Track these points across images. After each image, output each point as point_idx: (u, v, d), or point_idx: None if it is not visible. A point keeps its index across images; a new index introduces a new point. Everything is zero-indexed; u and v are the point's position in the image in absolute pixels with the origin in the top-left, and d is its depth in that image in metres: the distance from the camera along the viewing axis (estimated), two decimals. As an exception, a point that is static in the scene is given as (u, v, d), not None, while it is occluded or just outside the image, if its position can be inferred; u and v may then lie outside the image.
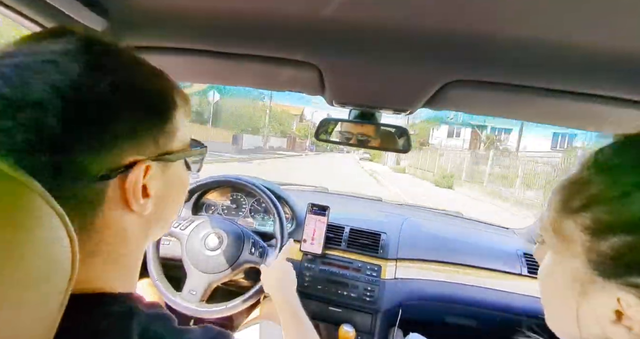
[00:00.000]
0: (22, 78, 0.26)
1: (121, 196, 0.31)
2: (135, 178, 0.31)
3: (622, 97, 0.55)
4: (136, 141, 0.31)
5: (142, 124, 0.31)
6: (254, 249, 0.96)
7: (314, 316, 1.13)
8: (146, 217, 0.34)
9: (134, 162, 0.31)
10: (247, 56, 0.60)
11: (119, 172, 0.30)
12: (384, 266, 1.11)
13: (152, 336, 0.30)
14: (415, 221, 1.31)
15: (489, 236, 1.33)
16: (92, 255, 0.30)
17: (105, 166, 0.29)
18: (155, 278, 0.94)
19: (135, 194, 0.31)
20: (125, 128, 0.29)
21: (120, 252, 0.33)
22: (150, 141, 0.32)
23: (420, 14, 0.42)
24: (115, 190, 0.30)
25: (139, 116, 0.31)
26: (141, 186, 0.31)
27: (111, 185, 0.30)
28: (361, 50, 0.54)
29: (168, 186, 0.35)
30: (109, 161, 0.29)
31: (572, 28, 0.41)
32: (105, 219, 0.30)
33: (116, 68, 0.30)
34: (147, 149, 0.32)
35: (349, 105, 0.80)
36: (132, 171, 0.30)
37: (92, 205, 0.29)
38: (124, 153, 0.30)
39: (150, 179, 0.32)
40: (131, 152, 0.30)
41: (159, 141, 0.33)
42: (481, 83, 0.57)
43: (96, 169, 0.28)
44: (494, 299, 1.06)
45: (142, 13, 0.54)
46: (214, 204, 1.28)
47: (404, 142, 0.84)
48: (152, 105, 0.32)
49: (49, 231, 0.21)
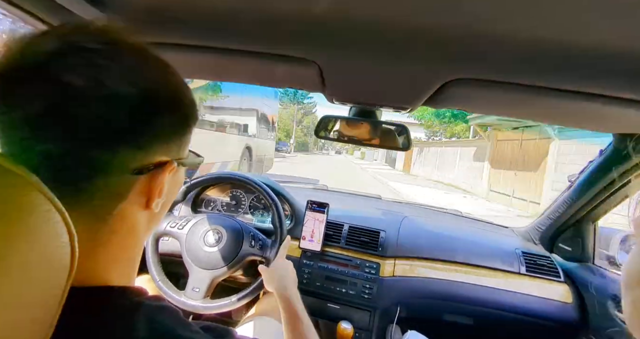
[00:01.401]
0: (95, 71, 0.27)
1: (144, 192, 0.33)
2: (164, 177, 0.34)
3: (622, 96, 0.55)
4: (167, 144, 0.34)
5: (175, 130, 0.34)
6: (254, 242, 0.95)
7: (313, 312, 1.13)
8: (152, 215, 0.37)
9: (164, 162, 0.34)
10: (247, 52, 0.60)
11: (151, 169, 0.32)
12: (382, 263, 1.11)
13: (158, 328, 0.30)
14: (414, 219, 1.32)
15: (488, 235, 1.34)
16: (103, 245, 0.32)
17: (140, 162, 0.31)
18: (158, 280, 0.94)
19: (160, 192, 0.34)
20: (164, 130, 0.33)
21: (129, 246, 0.36)
22: (176, 145, 0.35)
23: (421, 12, 0.42)
24: (141, 186, 0.33)
25: (175, 121, 0.34)
26: (163, 185, 0.34)
27: (140, 181, 0.32)
28: (361, 47, 0.54)
29: (172, 188, 0.38)
30: (144, 158, 0.32)
31: (572, 27, 0.41)
32: (123, 211, 0.32)
33: (165, 74, 0.33)
34: (172, 152, 0.35)
35: (349, 102, 0.80)
36: (162, 170, 0.34)
37: (118, 197, 0.31)
38: (156, 153, 0.33)
39: (168, 180, 0.35)
40: (162, 153, 0.33)
41: (181, 146, 0.36)
42: (481, 81, 0.57)
43: (133, 164, 0.31)
44: (492, 297, 1.07)
45: (140, 8, 0.53)
46: (213, 201, 1.29)
47: (404, 140, 0.84)
48: (186, 114, 0.35)
49: (48, 227, 0.21)
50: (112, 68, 0.28)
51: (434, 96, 0.66)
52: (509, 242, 1.26)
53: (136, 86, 0.29)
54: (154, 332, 0.30)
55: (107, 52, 0.28)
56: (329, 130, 0.89)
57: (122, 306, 0.31)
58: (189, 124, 0.36)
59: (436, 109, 1.57)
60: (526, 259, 1.13)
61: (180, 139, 0.36)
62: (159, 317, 0.31)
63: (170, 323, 0.32)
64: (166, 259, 1.00)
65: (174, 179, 0.37)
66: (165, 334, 0.30)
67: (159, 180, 0.33)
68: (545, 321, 1.04)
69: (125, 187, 0.31)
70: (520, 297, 1.06)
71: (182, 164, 0.37)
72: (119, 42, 0.30)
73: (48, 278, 0.22)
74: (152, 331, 0.30)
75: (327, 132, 0.89)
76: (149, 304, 0.32)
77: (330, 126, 0.89)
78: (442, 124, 15.01)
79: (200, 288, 0.91)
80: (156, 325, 0.30)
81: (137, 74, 0.30)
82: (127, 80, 0.29)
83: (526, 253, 1.15)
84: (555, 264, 1.12)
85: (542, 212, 1.26)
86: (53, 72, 0.26)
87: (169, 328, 0.31)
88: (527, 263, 1.12)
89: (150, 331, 0.29)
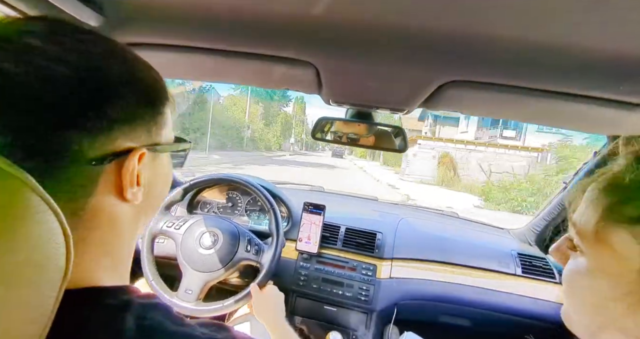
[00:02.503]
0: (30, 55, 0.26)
1: (115, 182, 0.32)
2: (132, 165, 0.32)
3: (616, 98, 0.55)
4: (130, 128, 0.31)
5: (137, 112, 0.32)
6: (250, 246, 0.95)
7: (309, 315, 1.13)
8: (137, 208, 0.35)
9: (129, 149, 0.31)
10: (243, 54, 0.60)
11: (114, 157, 0.30)
12: (379, 265, 1.11)
13: (148, 324, 0.30)
14: (410, 221, 1.32)
15: (484, 236, 1.34)
16: (84, 242, 0.31)
17: (100, 150, 0.29)
18: (151, 279, 0.93)
19: (131, 181, 0.32)
20: (120, 113, 0.30)
21: (113, 242, 0.34)
22: (144, 130, 0.33)
23: (417, 15, 0.42)
24: (110, 176, 0.31)
25: (134, 103, 0.32)
26: (136, 173, 0.32)
27: (106, 170, 0.30)
28: (358, 49, 0.54)
29: (156, 176, 0.37)
30: (104, 145, 0.29)
31: (568, 29, 0.41)
32: (97, 205, 0.31)
33: (112, 55, 0.31)
34: (140, 137, 0.33)
35: (345, 104, 0.80)
36: (128, 158, 0.31)
37: (85, 189, 0.30)
38: (118, 139, 0.30)
39: (143, 167, 0.33)
40: (125, 139, 0.31)
41: (152, 131, 0.34)
42: (478, 84, 0.57)
43: (92, 152, 0.29)
44: (488, 298, 1.07)
45: (137, 9, 0.53)
46: (209, 203, 1.28)
47: (400, 142, 0.84)
48: (147, 94, 0.33)
49: (43, 227, 0.21)
50: (48, 50, 0.27)
51: (430, 98, 0.66)
52: (504, 243, 1.26)
53: (74, 66, 0.27)
54: (142, 328, 0.29)
55: (42, 35, 0.27)
56: (325, 131, 0.89)
57: (111, 306, 0.30)
58: (156, 105, 0.34)
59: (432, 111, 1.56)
60: (522, 260, 1.14)
61: (148, 123, 0.33)
62: (149, 314, 0.31)
63: (161, 319, 0.31)
64: (161, 261, 0.99)
65: (154, 166, 0.36)
66: (153, 329, 0.30)
67: (127, 168, 0.31)
68: (541, 322, 1.04)
69: (89, 179, 0.29)
70: (516, 298, 1.07)
71: (156, 150, 0.35)
72: (57, 27, 0.29)
73: (43, 279, 0.22)
74: (140, 327, 0.29)
75: (324, 134, 0.89)
76: (139, 302, 0.31)
77: (326, 127, 0.89)
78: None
79: (193, 290, 0.90)
80: (145, 321, 0.30)
81: (75, 55, 0.28)
82: (62, 61, 0.27)
83: (522, 254, 1.16)
84: (551, 266, 1.13)
85: (537, 214, 1.27)
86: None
87: (158, 323, 0.30)
88: (522, 265, 1.12)
89: (139, 327, 0.29)
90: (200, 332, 0.32)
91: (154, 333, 0.29)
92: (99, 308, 0.29)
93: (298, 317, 1.14)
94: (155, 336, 0.29)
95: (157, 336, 0.29)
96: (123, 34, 0.59)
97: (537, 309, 1.05)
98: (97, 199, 0.31)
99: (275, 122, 32.46)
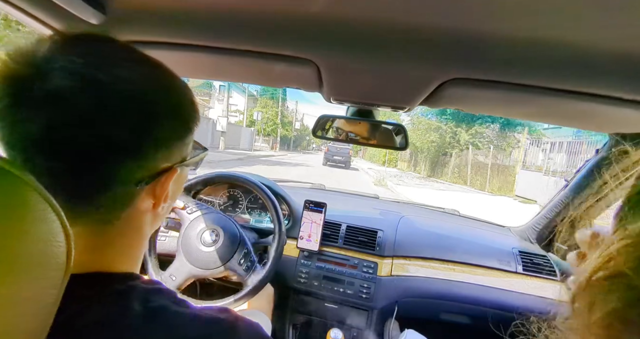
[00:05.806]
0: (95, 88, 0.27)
1: (149, 198, 0.34)
2: (167, 183, 0.34)
3: (618, 96, 0.55)
4: (169, 150, 0.33)
5: (177, 134, 0.34)
6: (244, 260, 0.93)
7: (310, 312, 1.13)
8: (159, 215, 0.38)
9: (167, 168, 0.34)
10: (245, 52, 0.60)
11: (154, 177, 0.33)
12: (380, 263, 1.11)
13: (152, 306, 0.31)
14: (411, 219, 1.32)
15: (485, 234, 1.34)
16: (110, 244, 0.34)
17: (145, 172, 0.31)
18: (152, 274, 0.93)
19: (165, 197, 0.35)
20: (165, 137, 0.32)
21: (134, 244, 0.37)
22: (177, 148, 0.35)
23: (419, 12, 0.42)
24: (146, 194, 0.33)
25: (176, 126, 0.33)
26: (168, 189, 0.35)
27: (144, 190, 0.33)
28: (359, 47, 0.54)
29: (176, 188, 0.38)
30: (148, 168, 0.32)
31: (570, 27, 0.41)
32: (130, 216, 0.33)
33: (160, 80, 0.32)
34: (174, 155, 0.35)
35: (346, 102, 0.80)
36: (165, 177, 0.34)
37: (123, 206, 0.32)
38: (159, 160, 0.32)
39: (172, 182, 0.35)
40: (164, 160, 0.33)
41: (182, 148, 0.36)
42: (479, 81, 0.57)
43: (138, 175, 0.31)
44: (489, 296, 1.07)
45: (138, 7, 0.53)
46: (210, 201, 1.28)
47: (402, 140, 0.84)
48: (186, 117, 0.35)
49: (44, 226, 0.21)
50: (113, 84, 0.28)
51: (432, 96, 0.66)
52: (506, 241, 1.26)
53: (136, 101, 0.29)
54: (147, 309, 0.30)
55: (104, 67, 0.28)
56: (326, 129, 0.89)
57: (119, 289, 0.32)
58: (190, 127, 0.36)
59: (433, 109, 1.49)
60: (523, 258, 1.14)
61: (182, 142, 0.35)
62: (154, 297, 0.32)
63: (165, 302, 0.32)
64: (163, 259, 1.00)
65: (179, 178, 0.37)
66: (159, 310, 0.31)
67: (163, 187, 0.34)
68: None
69: (131, 198, 0.32)
70: (517, 296, 1.06)
71: (185, 166, 0.37)
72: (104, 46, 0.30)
73: (44, 276, 0.22)
74: (146, 308, 0.30)
75: (325, 132, 0.89)
76: (144, 287, 0.33)
77: (327, 125, 0.89)
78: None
79: (177, 278, 0.90)
80: (151, 304, 0.31)
81: (137, 86, 0.29)
82: (127, 94, 0.28)
83: (523, 252, 1.16)
84: (552, 263, 1.13)
85: (539, 212, 1.26)
86: (52, 89, 0.26)
87: (163, 304, 0.32)
88: (523, 262, 1.12)
89: (145, 309, 0.30)
90: (203, 313, 0.33)
91: (159, 314, 0.31)
92: (106, 291, 0.31)
93: (299, 315, 1.15)
94: (161, 316, 0.31)
95: (162, 317, 0.31)
96: (123, 32, 0.59)
97: (538, 306, 1.05)
98: (129, 212, 0.33)
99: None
